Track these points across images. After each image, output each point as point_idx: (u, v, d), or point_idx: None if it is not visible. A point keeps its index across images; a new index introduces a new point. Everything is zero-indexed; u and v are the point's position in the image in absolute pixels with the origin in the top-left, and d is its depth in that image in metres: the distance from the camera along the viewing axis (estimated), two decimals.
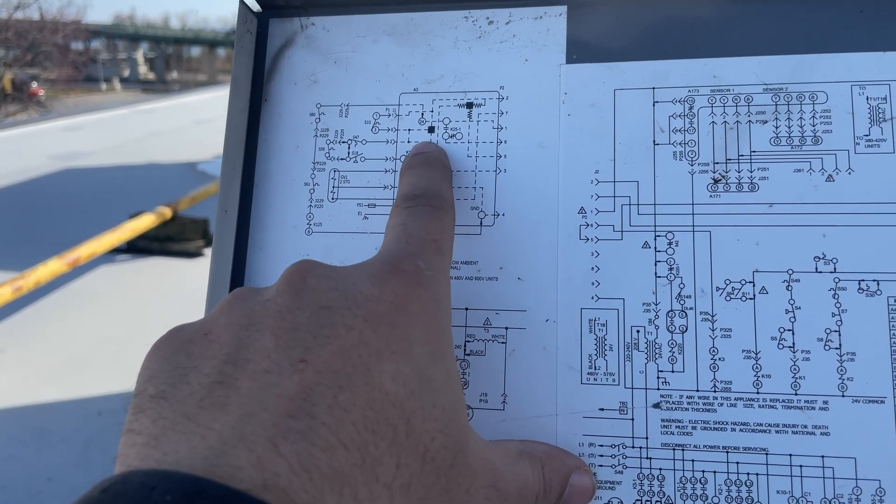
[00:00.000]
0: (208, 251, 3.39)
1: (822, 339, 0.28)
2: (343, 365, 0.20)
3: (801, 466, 0.27)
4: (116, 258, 3.28)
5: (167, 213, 3.13)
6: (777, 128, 0.30)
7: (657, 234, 0.30)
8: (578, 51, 0.32)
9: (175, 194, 3.49)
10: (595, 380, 0.29)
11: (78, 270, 2.84)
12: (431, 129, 0.33)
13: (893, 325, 0.28)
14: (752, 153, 0.30)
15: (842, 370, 0.28)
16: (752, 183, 0.30)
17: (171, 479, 0.16)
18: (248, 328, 0.21)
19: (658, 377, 0.29)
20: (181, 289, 2.96)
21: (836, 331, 0.28)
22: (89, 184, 4.93)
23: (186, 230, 3.39)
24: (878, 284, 0.28)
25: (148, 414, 0.19)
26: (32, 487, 1.70)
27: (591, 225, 0.31)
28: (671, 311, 0.29)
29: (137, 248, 3.35)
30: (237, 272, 0.33)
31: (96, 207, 4.15)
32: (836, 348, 0.28)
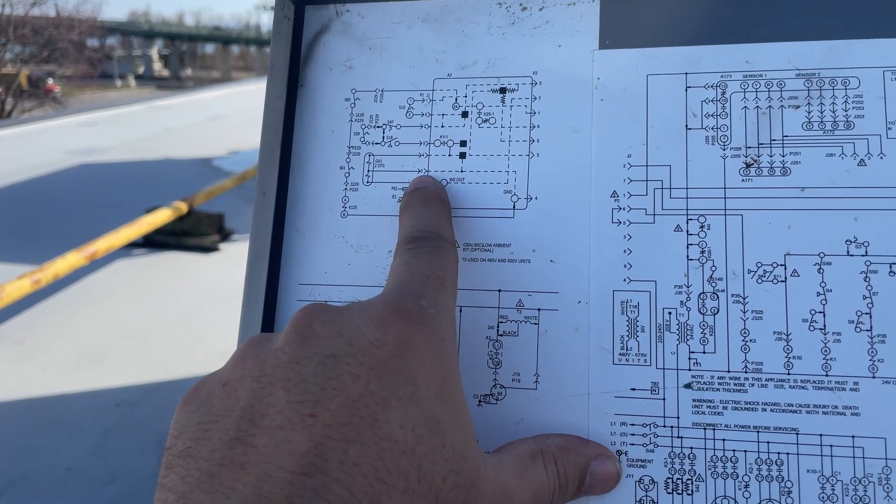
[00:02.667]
0: (224, 246, 3.41)
1: (852, 322, 0.28)
2: (351, 417, 0.21)
3: (831, 446, 0.28)
4: (133, 252, 3.31)
5: (183, 207, 3.16)
6: (809, 112, 0.30)
7: (689, 217, 0.30)
8: (611, 36, 0.33)
9: (190, 189, 3.51)
10: (627, 360, 0.30)
11: (95, 264, 2.87)
12: (465, 115, 0.33)
13: None
14: (785, 138, 0.30)
15: (872, 352, 0.28)
16: (784, 167, 0.30)
17: None
18: (261, 380, 0.22)
19: (689, 358, 0.29)
20: (197, 283, 2.98)
21: (867, 313, 0.28)
22: (106, 179, 4.97)
23: (202, 225, 3.41)
24: None
25: (176, 471, 0.21)
26: (51, 477, 1.72)
27: (624, 209, 0.31)
28: (703, 293, 0.30)
29: (154, 242, 3.37)
30: (275, 253, 0.34)
31: (113, 202, 4.18)
32: (867, 330, 0.28)
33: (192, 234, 3.40)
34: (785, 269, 0.29)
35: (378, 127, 0.34)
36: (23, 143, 6.32)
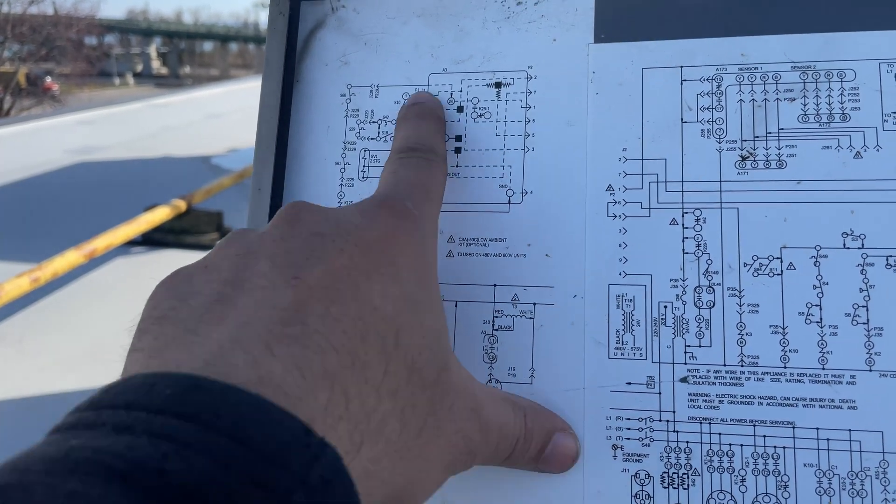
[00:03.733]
0: None
1: (849, 315, 0.28)
2: (334, 281, 0.21)
3: (828, 440, 0.28)
4: (132, 250, 3.31)
5: (182, 206, 3.15)
6: (805, 105, 0.30)
7: (685, 211, 0.30)
8: (606, 30, 0.33)
9: (189, 188, 3.51)
10: (622, 354, 0.30)
11: (94, 262, 2.87)
12: (460, 109, 0.33)
13: None
14: (780, 130, 0.30)
15: (869, 345, 0.28)
16: (779, 160, 0.30)
17: (169, 377, 0.17)
18: (246, 256, 0.22)
19: (685, 352, 0.29)
20: None
21: (863, 306, 0.28)
22: (104, 177, 4.97)
23: (201, 223, 3.41)
24: None
25: (151, 332, 0.20)
26: None
27: (619, 202, 0.31)
28: (698, 286, 0.30)
29: (153, 240, 3.37)
30: None
31: (112, 200, 4.17)
32: (864, 323, 0.28)
33: (190, 232, 3.40)
34: (781, 262, 0.29)
35: (374, 122, 0.34)
36: (21, 142, 6.32)
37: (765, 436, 0.28)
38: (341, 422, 0.19)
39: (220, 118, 7.89)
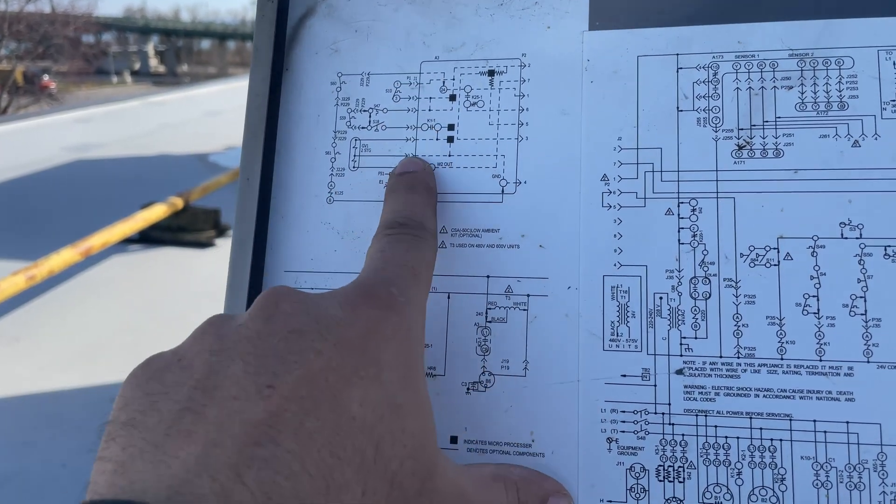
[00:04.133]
0: (220, 242, 3.40)
1: (847, 305, 0.28)
2: (310, 390, 0.20)
3: (825, 432, 0.27)
4: (129, 248, 3.30)
5: (179, 203, 3.14)
6: (802, 93, 0.30)
7: (680, 200, 0.30)
8: (601, 17, 0.32)
9: (186, 185, 3.49)
10: (617, 346, 0.29)
11: (91, 260, 2.86)
12: (453, 98, 0.33)
13: None
14: (777, 119, 0.30)
15: (867, 336, 0.27)
16: (776, 149, 0.29)
17: None
18: (219, 354, 0.21)
19: (681, 344, 0.29)
20: (193, 279, 2.97)
21: (861, 297, 0.28)
22: (101, 175, 4.95)
23: (198, 220, 3.40)
24: None
25: (118, 441, 0.19)
26: (47, 473, 1.72)
27: (614, 192, 0.30)
28: (694, 277, 0.29)
29: (150, 238, 3.36)
30: (260, 240, 0.33)
31: (108, 198, 4.16)
32: (862, 314, 0.28)
33: (187, 229, 3.38)
34: (778, 252, 0.29)
35: (364, 111, 0.34)
36: (18, 140, 6.30)
37: (761, 428, 0.28)
38: None
39: (217, 116, 7.88)
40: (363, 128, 0.34)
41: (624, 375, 0.29)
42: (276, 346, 0.21)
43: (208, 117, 7.83)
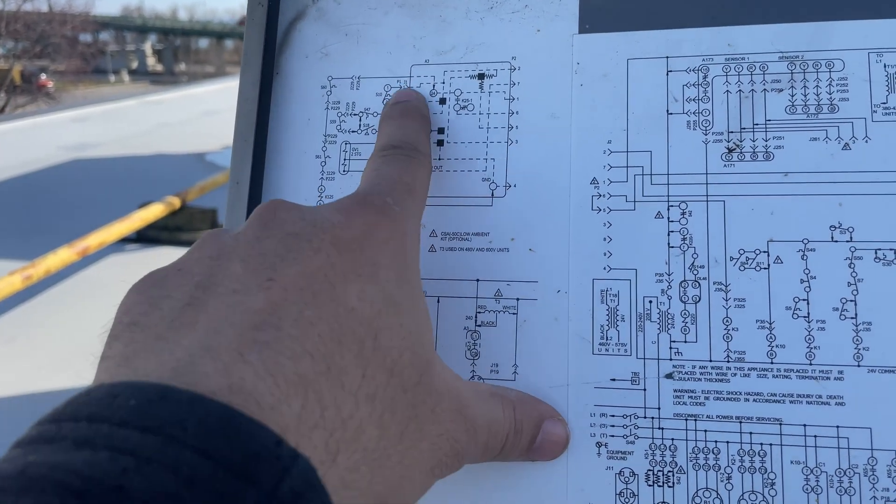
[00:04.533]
0: None
1: (837, 309, 0.28)
2: (309, 283, 0.20)
3: (815, 437, 0.27)
4: (126, 247, 3.29)
5: (176, 202, 3.14)
6: (793, 96, 0.30)
7: (670, 204, 0.30)
8: (591, 20, 0.32)
9: (184, 184, 3.49)
10: (607, 350, 0.29)
11: (87, 259, 2.85)
12: (443, 101, 0.33)
13: None
14: (768, 122, 0.30)
15: (857, 340, 0.27)
16: (767, 152, 0.29)
17: (134, 386, 0.16)
18: (219, 258, 0.21)
19: (671, 347, 0.29)
20: None
21: (851, 300, 0.28)
22: (99, 174, 4.95)
23: (195, 220, 3.40)
24: (894, 254, 0.28)
25: (121, 340, 0.20)
26: None
27: (604, 195, 0.30)
28: (684, 281, 0.29)
29: (147, 237, 3.36)
30: None
31: (106, 197, 4.16)
32: (852, 318, 0.28)
33: (185, 229, 3.38)
34: (768, 255, 0.29)
35: (354, 115, 0.34)
36: (15, 139, 6.29)
37: (751, 433, 0.28)
38: (316, 430, 0.18)
39: (214, 115, 7.87)
40: (353, 131, 0.33)
41: (613, 379, 0.29)
42: (275, 246, 0.21)
43: (206, 117, 7.82)
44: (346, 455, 0.19)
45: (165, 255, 3.24)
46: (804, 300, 0.28)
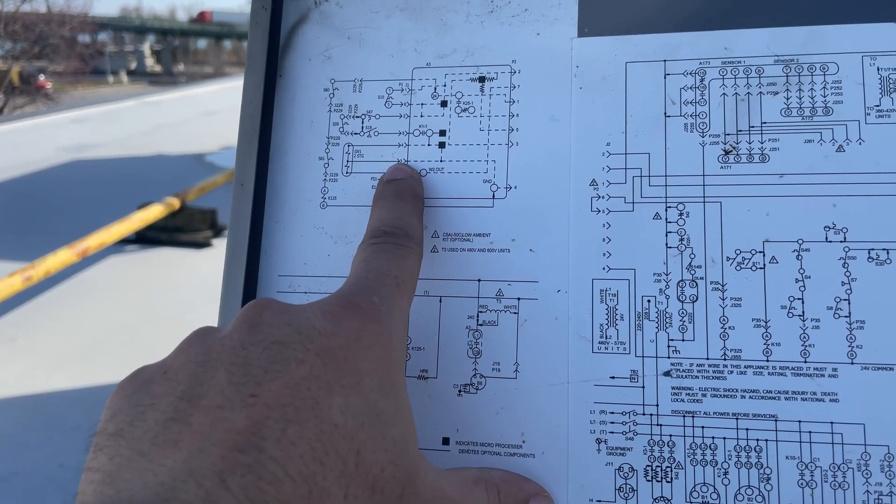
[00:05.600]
0: (216, 242, 3.40)
1: (831, 308, 0.28)
2: (292, 399, 0.21)
3: (810, 433, 0.28)
4: (125, 248, 3.30)
5: (175, 203, 3.15)
6: (788, 99, 0.30)
7: (668, 205, 0.30)
8: (590, 24, 0.33)
9: (183, 185, 3.50)
10: (606, 349, 0.30)
11: (87, 261, 2.86)
12: (444, 104, 0.33)
13: None
14: (763, 124, 0.30)
15: (851, 338, 0.28)
16: (762, 154, 0.30)
17: None
18: (204, 365, 0.22)
19: (668, 346, 0.29)
20: (189, 279, 2.97)
21: (845, 299, 0.28)
22: (98, 175, 4.95)
23: (195, 221, 3.40)
24: (887, 253, 0.28)
25: (106, 452, 0.20)
26: (44, 474, 1.72)
27: (603, 197, 0.31)
28: (682, 280, 0.30)
29: (146, 238, 3.36)
30: (254, 244, 0.33)
31: (105, 198, 4.16)
32: (846, 316, 0.28)
33: (184, 229, 3.39)
34: (764, 255, 0.29)
35: (357, 117, 0.34)
36: (14, 140, 6.29)
37: (747, 429, 0.28)
38: None
39: (214, 115, 7.87)
40: (356, 133, 0.34)
41: (613, 377, 0.29)
42: (259, 356, 0.21)
43: (205, 117, 7.82)
44: None
45: (165, 256, 3.25)
46: (799, 299, 0.29)
